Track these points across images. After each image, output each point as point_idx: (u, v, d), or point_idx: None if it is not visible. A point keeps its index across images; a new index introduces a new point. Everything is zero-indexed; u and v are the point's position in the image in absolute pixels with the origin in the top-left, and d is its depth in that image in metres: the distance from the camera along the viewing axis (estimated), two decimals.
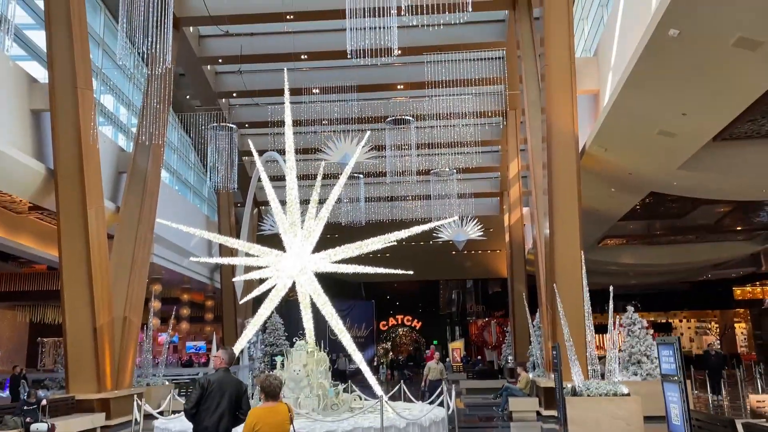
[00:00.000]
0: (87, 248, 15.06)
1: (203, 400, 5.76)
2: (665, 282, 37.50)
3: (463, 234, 26.49)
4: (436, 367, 16.55)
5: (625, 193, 18.68)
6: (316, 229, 13.72)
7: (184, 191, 29.70)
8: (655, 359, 14.72)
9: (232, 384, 5.86)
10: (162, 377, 20.58)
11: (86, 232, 15.04)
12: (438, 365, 16.73)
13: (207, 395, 5.78)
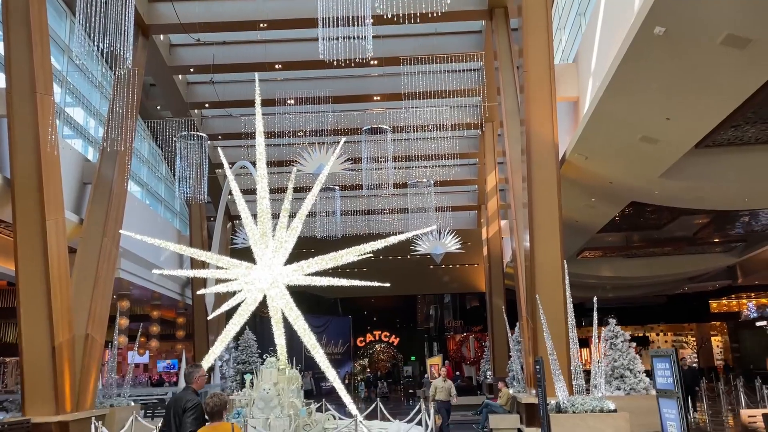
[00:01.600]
0: (45, 262, 14.23)
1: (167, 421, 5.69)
2: (642, 295, 37.53)
3: (441, 247, 26.12)
4: (443, 386, 14.73)
5: (605, 203, 18.44)
6: (288, 240, 13.15)
7: (155, 205, 28.86)
8: (639, 373, 14.40)
9: (176, 403, 5.68)
10: (128, 398, 19.66)
11: (45, 245, 14.22)
12: (445, 383, 14.89)
13: (167, 416, 5.71)
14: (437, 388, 14.49)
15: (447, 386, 14.56)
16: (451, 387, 14.65)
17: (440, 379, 14.97)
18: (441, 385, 14.62)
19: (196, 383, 6.04)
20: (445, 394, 14.38)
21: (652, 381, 5.93)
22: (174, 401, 5.76)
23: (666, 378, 5.73)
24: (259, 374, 12.34)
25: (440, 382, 14.77)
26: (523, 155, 15.24)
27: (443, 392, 14.42)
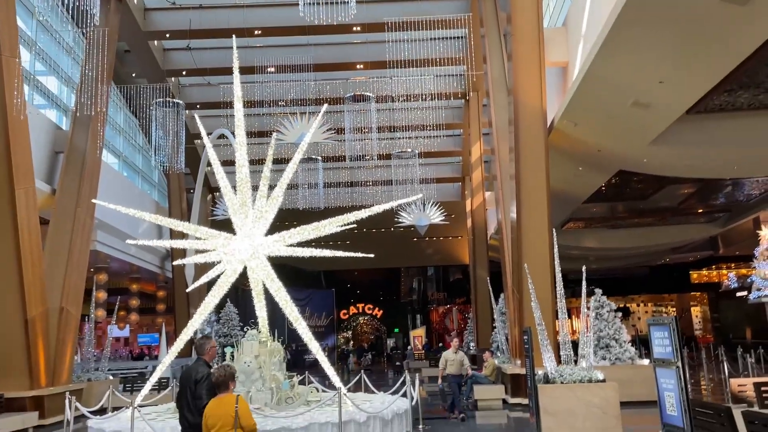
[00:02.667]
0: (15, 232, 13.69)
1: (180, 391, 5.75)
2: (624, 266, 37.70)
3: (425, 218, 25.80)
4: (454, 358, 13.00)
5: (593, 172, 18.20)
6: (268, 211, 12.72)
7: (133, 177, 28.13)
8: (624, 343, 14.33)
9: (188, 374, 5.72)
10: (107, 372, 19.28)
11: (14, 215, 13.66)
12: (457, 355, 13.13)
13: (181, 387, 5.75)
14: (448, 361, 12.84)
15: (459, 358, 12.90)
16: (463, 359, 13.07)
17: (451, 350, 13.25)
18: (452, 357, 12.93)
19: (208, 355, 6.03)
20: (456, 367, 12.81)
21: (649, 350, 5.66)
22: (186, 373, 5.77)
23: (665, 347, 5.46)
24: (239, 347, 12.02)
25: (451, 354, 13.08)
26: (511, 126, 14.89)
27: (454, 365, 12.83)
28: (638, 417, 11.62)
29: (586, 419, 9.16)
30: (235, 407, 4.96)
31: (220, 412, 5.01)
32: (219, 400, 5.11)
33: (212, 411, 5.07)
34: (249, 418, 5.06)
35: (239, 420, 4.92)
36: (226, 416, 4.95)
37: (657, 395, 5.61)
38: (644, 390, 13.51)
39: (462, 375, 12.87)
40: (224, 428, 4.93)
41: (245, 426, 4.97)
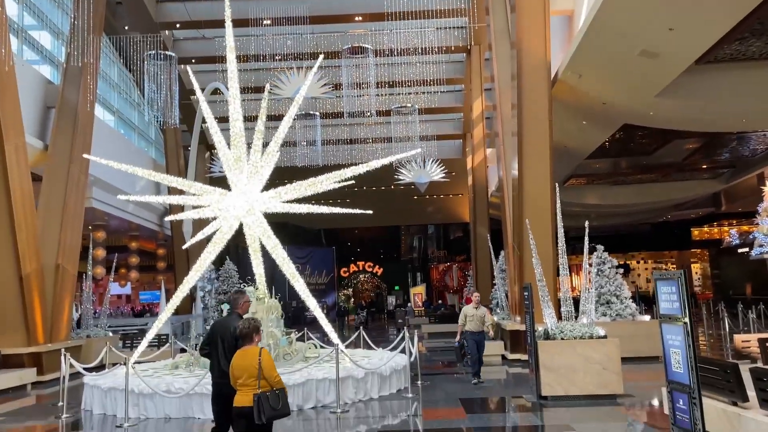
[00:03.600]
0: (7, 187, 13.43)
1: (212, 343, 6.01)
2: (626, 224, 37.50)
3: (425, 176, 25.51)
4: (474, 314, 11.59)
5: (597, 126, 17.77)
6: (264, 166, 12.41)
7: (129, 134, 27.68)
8: (625, 299, 14.21)
9: (223, 326, 5.98)
10: (107, 328, 19.30)
11: (5, 170, 13.37)
12: (478, 310, 11.66)
13: (212, 338, 6.03)
14: (467, 316, 11.60)
15: (480, 314, 11.59)
16: (485, 315, 11.69)
17: (471, 305, 11.81)
18: (472, 312, 11.60)
19: (241, 308, 6.31)
20: (476, 324, 11.51)
21: (654, 306, 5.44)
22: (220, 326, 6.04)
23: (672, 302, 5.24)
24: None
25: (471, 309, 11.69)
26: (514, 81, 14.44)
27: (474, 321, 11.51)
28: (639, 372, 11.57)
29: (587, 375, 9.06)
30: (258, 359, 5.09)
31: (245, 364, 5.14)
32: (244, 352, 5.23)
33: (237, 363, 5.21)
34: (272, 370, 5.15)
35: (262, 372, 5.06)
36: (250, 368, 5.10)
37: (662, 352, 5.42)
38: (645, 346, 13.51)
39: (483, 332, 11.67)
40: (249, 379, 5.10)
41: (268, 377, 5.09)
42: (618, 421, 7.86)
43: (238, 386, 5.19)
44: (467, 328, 11.59)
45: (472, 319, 11.55)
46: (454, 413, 8.70)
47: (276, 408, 5.10)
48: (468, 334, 11.60)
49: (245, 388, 5.13)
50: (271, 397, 5.08)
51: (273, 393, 5.11)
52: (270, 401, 5.06)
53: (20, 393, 12.72)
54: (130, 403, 9.15)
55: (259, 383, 5.06)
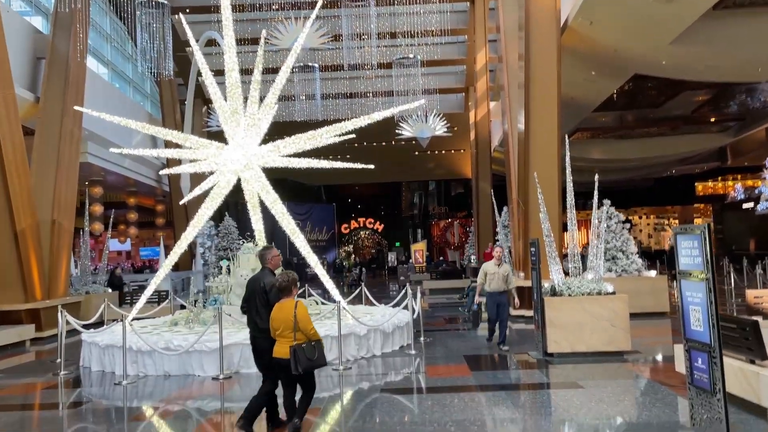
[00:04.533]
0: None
1: (248, 299, 6.04)
2: (629, 179, 37.09)
3: (427, 130, 24.99)
4: (496, 272, 10.06)
5: (606, 76, 17.19)
6: (262, 118, 12.01)
7: (124, 88, 27.03)
8: (632, 255, 13.98)
9: (258, 282, 5.98)
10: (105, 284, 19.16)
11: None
12: (500, 268, 10.10)
13: (248, 294, 6.06)
14: (488, 275, 10.08)
15: (502, 272, 10.01)
16: (508, 273, 10.09)
17: (493, 262, 10.19)
18: (493, 270, 10.05)
19: (271, 263, 6.29)
20: (498, 283, 9.99)
21: (676, 261, 5.16)
22: (253, 282, 6.08)
23: (693, 258, 4.95)
24: (236, 260, 11.67)
25: (491, 266, 10.12)
26: (521, 30, 13.85)
27: (496, 280, 10.00)
28: (645, 329, 11.43)
29: (594, 332, 8.87)
30: (294, 312, 5.32)
31: (282, 317, 5.38)
32: (281, 305, 5.45)
33: (275, 315, 5.46)
34: (307, 323, 5.35)
35: (298, 324, 5.28)
36: (287, 320, 5.33)
37: (680, 309, 5.15)
38: (650, 301, 13.38)
39: (505, 293, 10.12)
40: (285, 331, 5.34)
41: (303, 329, 5.30)
42: (626, 378, 7.69)
43: (276, 337, 5.45)
44: (488, 288, 10.09)
45: (493, 278, 10.02)
46: (458, 370, 8.54)
47: (312, 359, 5.30)
48: (488, 295, 10.17)
49: (283, 340, 5.37)
50: (306, 348, 5.29)
51: (309, 344, 5.32)
52: (306, 352, 5.27)
53: (19, 349, 12.63)
54: (128, 360, 9.00)
55: (295, 335, 5.29)
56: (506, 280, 10.04)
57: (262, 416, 5.92)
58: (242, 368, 8.87)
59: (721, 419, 4.73)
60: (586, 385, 7.16)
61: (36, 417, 7.02)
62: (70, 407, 7.57)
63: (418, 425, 5.84)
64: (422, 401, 6.85)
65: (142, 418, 6.80)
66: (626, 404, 6.43)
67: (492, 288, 10.07)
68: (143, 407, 7.36)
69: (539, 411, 6.21)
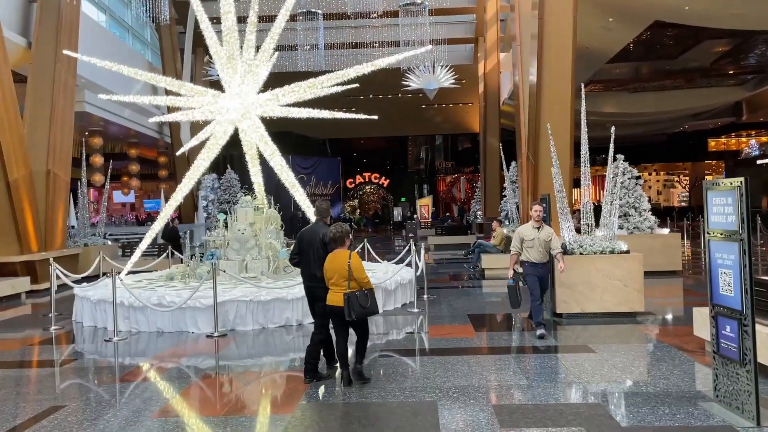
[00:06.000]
0: None
1: (301, 251, 6.13)
2: (641, 134, 36.18)
3: (434, 81, 24.24)
4: (535, 237, 7.73)
5: (624, 24, 16.32)
6: (260, 65, 11.41)
7: (124, 35, 26.17)
8: (644, 212, 13.49)
9: (315, 234, 6.11)
10: (108, 237, 18.90)
11: None
12: (541, 232, 7.76)
13: (301, 246, 6.14)
14: (525, 240, 7.76)
15: (544, 236, 7.73)
16: (551, 237, 7.78)
17: (529, 224, 7.89)
18: (531, 234, 7.75)
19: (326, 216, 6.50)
20: (538, 251, 7.71)
21: (704, 219, 4.69)
22: (310, 234, 6.15)
23: (726, 216, 4.48)
24: (233, 214, 11.27)
25: (529, 230, 7.81)
26: None
27: (536, 247, 7.70)
28: (656, 288, 11.04)
29: (605, 292, 8.47)
30: (348, 262, 5.54)
31: (336, 266, 5.60)
32: (334, 255, 5.69)
33: (329, 265, 5.68)
34: (361, 272, 5.58)
35: (352, 273, 5.52)
36: (341, 269, 5.56)
37: (708, 272, 4.71)
38: (662, 260, 12.97)
39: (548, 264, 7.92)
40: (339, 280, 5.57)
41: (357, 278, 5.54)
42: (640, 341, 7.31)
43: (329, 286, 5.66)
44: (525, 258, 7.76)
45: (531, 245, 7.69)
46: (461, 330, 8.19)
47: (365, 306, 5.52)
48: (527, 266, 7.75)
49: (336, 288, 5.60)
50: (360, 296, 5.50)
51: (362, 292, 5.52)
52: (359, 300, 5.49)
53: (14, 302, 12.41)
54: (120, 316, 8.71)
55: (349, 284, 5.52)
56: (548, 246, 7.76)
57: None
58: (238, 326, 8.56)
59: (750, 392, 4.33)
60: (597, 349, 6.79)
61: (17, 375, 6.71)
62: (55, 365, 7.27)
63: (418, 391, 5.49)
64: (424, 364, 6.50)
65: (130, 377, 6.49)
66: (641, 371, 6.06)
67: (531, 258, 7.72)
68: (133, 365, 7.06)
69: (549, 377, 5.85)
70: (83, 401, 5.58)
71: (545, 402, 5.08)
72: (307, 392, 5.63)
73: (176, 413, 5.24)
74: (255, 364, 7.00)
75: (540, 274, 7.81)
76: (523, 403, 5.10)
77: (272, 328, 8.60)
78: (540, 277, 7.80)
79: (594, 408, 4.90)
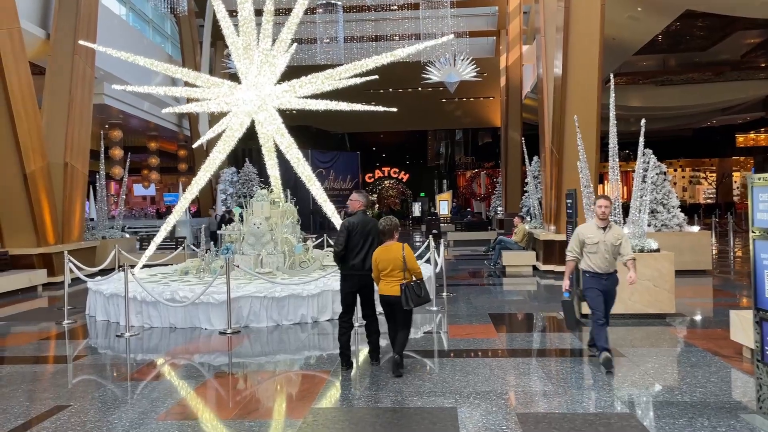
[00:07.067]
0: (2, 78, 12.43)
1: (354, 241, 6.09)
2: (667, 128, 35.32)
3: (455, 74, 23.85)
4: (600, 240, 6.05)
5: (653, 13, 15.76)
6: (277, 55, 11.16)
7: (144, 28, 26.13)
8: (673, 208, 13.02)
9: (371, 225, 6.18)
10: (125, 230, 18.85)
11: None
12: (608, 232, 6.08)
13: (351, 237, 6.09)
14: (587, 244, 6.05)
15: (612, 239, 6.03)
16: (620, 241, 6.05)
17: (592, 223, 6.20)
18: (596, 237, 6.04)
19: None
20: (603, 258, 6.03)
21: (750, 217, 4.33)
22: (361, 224, 6.13)
23: None
24: (249, 207, 11.05)
25: (592, 230, 6.10)
26: None
27: (600, 253, 6.02)
28: (687, 289, 10.62)
29: (634, 292, 8.09)
30: (402, 253, 5.75)
31: (389, 257, 5.81)
32: (387, 247, 5.91)
33: (382, 256, 5.86)
34: (415, 263, 5.83)
35: (407, 264, 5.73)
36: (395, 260, 5.77)
37: (753, 274, 4.35)
38: (691, 258, 12.52)
39: (615, 274, 6.11)
40: (394, 271, 5.78)
41: (411, 269, 5.77)
42: (672, 345, 6.94)
43: (382, 277, 5.85)
44: (585, 266, 6.05)
45: (595, 249, 5.96)
46: (482, 330, 7.88)
47: (420, 295, 5.74)
48: (588, 278, 6.03)
49: (390, 279, 5.79)
50: (414, 286, 5.72)
51: (416, 283, 5.75)
52: (414, 290, 5.70)
53: (31, 294, 12.35)
54: (133, 311, 8.54)
55: (405, 274, 5.72)
56: (617, 252, 6.01)
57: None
58: (251, 322, 8.34)
59: None
60: (626, 353, 6.45)
61: (23, 371, 6.54)
62: (63, 361, 7.10)
63: (436, 396, 5.21)
64: (443, 366, 6.21)
65: (138, 375, 6.29)
66: (675, 377, 5.70)
67: (595, 266, 5.98)
68: (142, 362, 6.86)
69: (576, 383, 5.52)
70: (89, 401, 5.37)
71: (573, 411, 4.76)
72: (319, 395, 5.37)
73: (183, 415, 5.01)
74: (267, 363, 6.76)
75: (605, 288, 6.02)
76: (549, 411, 4.79)
77: (287, 325, 8.36)
78: (605, 291, 6.02)
79: (626, 418, 4.57)
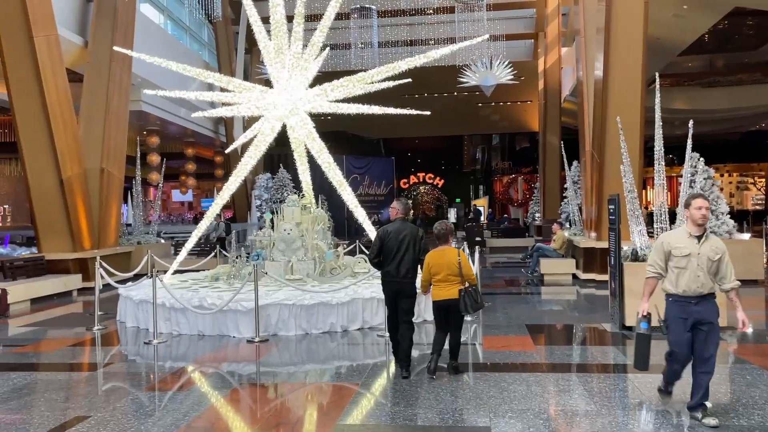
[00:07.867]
0: (39, 84, 12.56)
1: (389, 248, 6.07)
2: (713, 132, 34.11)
3: (491, 78, 23.38)
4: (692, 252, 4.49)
5: (700, 11, 15.11)
6: (308, 59, 11.01)
7: (181, 36, 26.46)
8: (722, 215, 12.39)
9: (409, 232, 6.14)
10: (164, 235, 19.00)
11: (36, 66, 12.45)
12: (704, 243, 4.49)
13: (385, 244, 6.10)
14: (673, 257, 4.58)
15: (709, 253, 4.49)
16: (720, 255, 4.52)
17: (682, 230, 4.69)
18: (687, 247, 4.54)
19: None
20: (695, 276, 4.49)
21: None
22: (395, 231, 6.11)
23: None
24: (280, 213, 10.90)
25: (683, 239, 4.59)
26: None
27: (691, 270, 4.49)
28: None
29: None
30: (458, 258, 5.77)
31: (444, 261, 5.82)
32: (442, 251, 5.91)
33: (436, 260, 5.86)
34: (469, 268, 5.89)
35: (462, 269, 5.76)
36: (450, 265, 5.79)
37: None
38: (742, 267, 11.77)
39: (712, 300, 4.61)
40: (449, 276, 5.79)
41: (466, 275, 5.80)
42: (723, 360, 6.47)
43: (434, 282, 5.87)
44: (669, 286, 4.65)
45: (684, 264, 4.52)
46: (519, 343, 7.51)
47: (477, 301, 5.79)
48: (671, 303, 4.64)
49: (444, 284, 5.81)
50: (472, 291, 5.78)
51: (473, 288, 5.82)
52: (472, 295, 5.75)
53: (66, 299, 12.43)
54: (162, 317, 8.44)
55: (462, 279, 5.76)
56: (716, 270, 4.54)
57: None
58: (280, 330, 8.14)
59: None
60: None
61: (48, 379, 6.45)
62: (89, 369, 6.99)
63: (470, 414, 4.89)
64: (477, 381, 5.88)
65: (163, 385, 6.14)
66: (730, 397, 5.27)
67: (681, 287, 4.55)
68: (168, 371, 6.71)
69: (620, 402, 5.15)
70: (110, 411, 5.21)
71: None
72: (346, 410, 5.11)
73: (202, 429, 4.80)
74: (295, 373, 6.55)
75: (698, 318, 4.48)
76: None
77: (315, 333, 8.14)
78: (698, 323, 4.49)
79: None
